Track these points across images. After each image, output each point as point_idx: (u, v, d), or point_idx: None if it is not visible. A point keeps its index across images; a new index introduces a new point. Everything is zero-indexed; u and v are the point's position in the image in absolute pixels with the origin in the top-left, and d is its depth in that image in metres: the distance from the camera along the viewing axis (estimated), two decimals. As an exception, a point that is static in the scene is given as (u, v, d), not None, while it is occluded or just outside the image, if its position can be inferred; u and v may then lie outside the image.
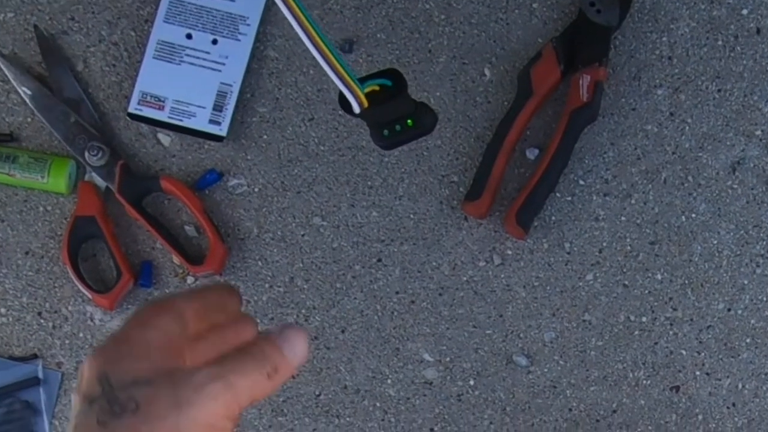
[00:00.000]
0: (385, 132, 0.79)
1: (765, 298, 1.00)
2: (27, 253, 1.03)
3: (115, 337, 0.52)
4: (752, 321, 1.00)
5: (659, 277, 1.01)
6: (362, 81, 0.74)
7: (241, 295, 0.60)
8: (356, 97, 0.74)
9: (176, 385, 0.50)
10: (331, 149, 1.03)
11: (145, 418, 0.49)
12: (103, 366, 0.51)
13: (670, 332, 1.01)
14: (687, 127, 1.02)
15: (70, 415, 0.51)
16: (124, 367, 0.50)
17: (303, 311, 1.02)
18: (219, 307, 0.58)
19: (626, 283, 1.01)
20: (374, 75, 0.75)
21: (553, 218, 1.02)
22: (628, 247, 1.01)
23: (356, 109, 0.74)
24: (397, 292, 1.02)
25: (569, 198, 1.02)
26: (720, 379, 1.00)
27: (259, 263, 1.02)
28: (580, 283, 1.01)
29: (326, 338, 1.02)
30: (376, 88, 0.75)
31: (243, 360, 0.52)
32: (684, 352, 1.01)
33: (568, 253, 1.01)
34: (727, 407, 1.00)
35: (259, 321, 1.02)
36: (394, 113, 0.78)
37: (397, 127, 0.79)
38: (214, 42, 1.03)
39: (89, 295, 1.01)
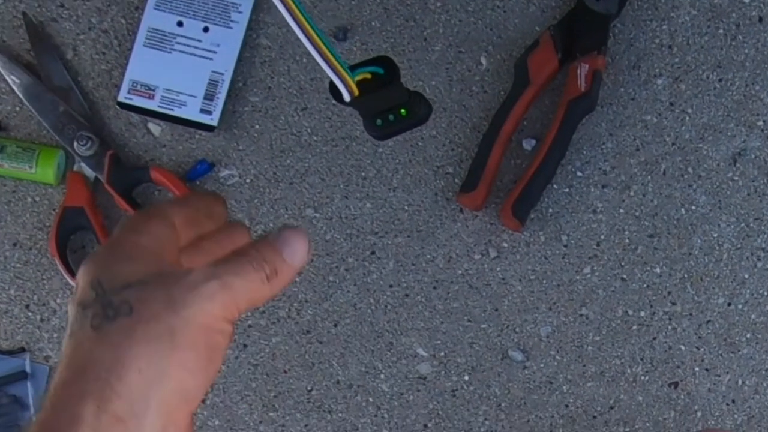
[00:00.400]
0: (378, 122, 0.77)
1: (766, 293, 0.99)
2: (15, 244, 1.02)
3: (106, 244, 0.52)
4: (753, 316, 0.99)
5: (658, 270, 0.99)
6: (353, 69, 0.72)
7: (227, 203, 0.59)
8: (346, 84, 0.72)
9: (170, 286, 0.49)
10: (324, 139, 1.01)
11: (138, 319, 0.48)
12: (95, 272, 0.50)
13: (669, 327, 0.99)
14: (687, 118, 1.00)
15: (66, 326, 0.50)
16: (117, 271, 0.50)
17: (295, 304, 1.00)
18: (207, 214, 0.57)
19: (624, 276, 0.99)
20: (366, 62, 0.74)
21: (550, 210, 1.00)
22: (627, 240, 0.99)
23: (346, 98, 0.73)
24: (390, 286, 1.00)
25: (566, 190, 1.00)
26: (719, 375, 0.99)
27: (251, 255, 1.00)
28: (578, 277, 0.99)
29: (318, 332, 1.00)
30: (368, 76, 0.73)
31: (240, 262, 0.51)
32: (683, 348, 0.99)
33: (566, 246, 1.00)
34: (727, 404, 0.98)
35: (250, 315, 1.00)
36: (387, 102, 0.76)
37: (391, 117, 0.77)
38: (206, 30, 1.02)
39: (77, 288, 1.00)
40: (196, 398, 0.50)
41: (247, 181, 1.01)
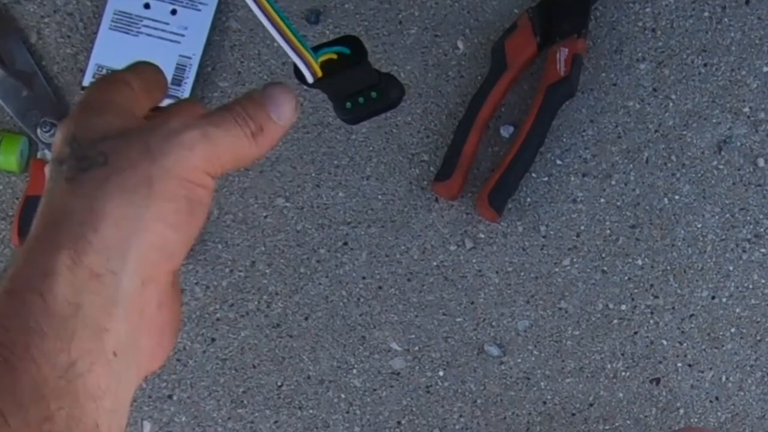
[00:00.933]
0: (348, 105, 0.74)
1: (751, 286, 0.96)
2: (-25, 234, 0.99)
3: (79, 103, 0.50)
4: (737, 310, 0.96)
5: (640, 262, 0.97)
6: (317, 49, 0.69)
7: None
8: (308, 65, 0.68)
9: (147, 135, 0.47)
10: (296, 126, 0.99)
11: (113, 169, 0.46)
12: (71, 128, 0.48)
13: (651, 321, 0.96)
14: (671, 104, 0.98)
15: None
16: (93, 125, 0.48)
17: (265, 297, 0.98)
18: (157, 86, 0.54)
19: (605, 269, 0.97)
20: (331, 43, 0.70)
21: (528, 200, 0.97)
22: (608, 231, 0.97)
23: (309, 79, 0.69)
24: (363, 278, 0.98)
25: (545, 178, 0.97)
26: (703, 371, 0.96)
27: (219, 246, 0.98)
28: (556, 269, 0.97)
29: (289, 326, 0.98)
30: (333, 56, 0.70)
31: (222, 115, 0.49)
32: (665, 343, 0.96)
33: (544, 237, 0.97)
34: (710, 401, 0.96)
35: (218, 308, 0.98)
36: (356, 84, 0.73)
37: (361, 100, 0.74)
38: (173, 12, 1.00)
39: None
40: (178, 255, 0.48)
41: (216, 169, 0.98)
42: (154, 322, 0.48)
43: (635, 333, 0.97)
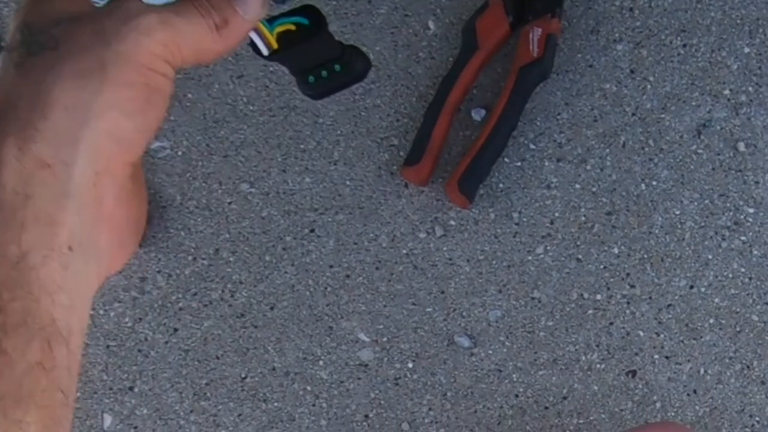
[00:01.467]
0: (311, 79, 0.72)
1: (730, 275, 0.93)
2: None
3: None
4: (716, 300, 0.93)
5: (616, 250, 0.94)
6: (273, 19, 0.66)
7: None
8: (261, 36, 0.66)
9: (102, 18, 0.46)
10: (261, 109, 0.96)
11: (64, 52, 0.45)
12: (23, 16, 0.46)
13: (627, 311, 0.94)
14: (649, 86, 0.95)
15: None
16: (45, 12, 0.46)
17: (229, 286, 0.95)
18: None
19: (580, 257, 0.94)
20: (287, 13, 0.68)
21: (501, 186, 0.94)
22: (583, 218, 0.94)
23: (264, 51, 0.67)
24: (330, 266, 0.95)
25: (518, 163, 0.94)
26: (680, 363, 0.93)
27: (182, 233, 0.96)
28: (530, 257, 0.94)
29: (254, 316, 0.95)
30: (291, 27, 0.67)
31: (184, 4, 0.47)
32: (642, 334, 0.93)
33: (517, 224, 0.94)
34: (688, 394, 0.93)
35: (181, 297, 0.95)
36: (317, 57, 0.71)
37: (324, 73, 0.72)
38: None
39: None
40: (135, 145, 0.46)
41: (179, 153, 0.97)
42: (112, 219, 0.46)
43: (611, 324, 0.94)
